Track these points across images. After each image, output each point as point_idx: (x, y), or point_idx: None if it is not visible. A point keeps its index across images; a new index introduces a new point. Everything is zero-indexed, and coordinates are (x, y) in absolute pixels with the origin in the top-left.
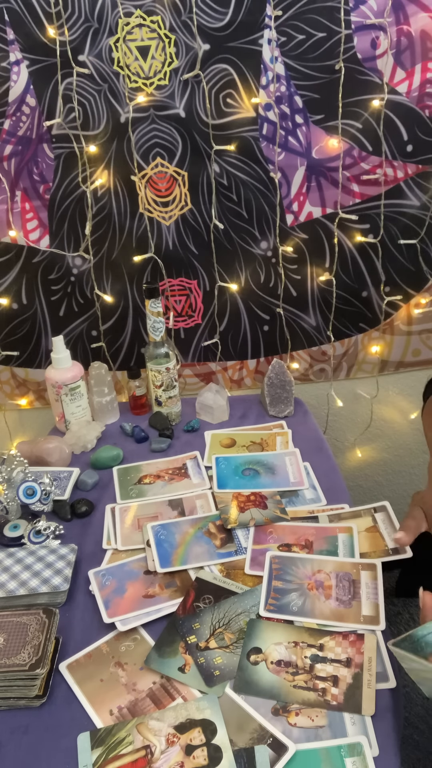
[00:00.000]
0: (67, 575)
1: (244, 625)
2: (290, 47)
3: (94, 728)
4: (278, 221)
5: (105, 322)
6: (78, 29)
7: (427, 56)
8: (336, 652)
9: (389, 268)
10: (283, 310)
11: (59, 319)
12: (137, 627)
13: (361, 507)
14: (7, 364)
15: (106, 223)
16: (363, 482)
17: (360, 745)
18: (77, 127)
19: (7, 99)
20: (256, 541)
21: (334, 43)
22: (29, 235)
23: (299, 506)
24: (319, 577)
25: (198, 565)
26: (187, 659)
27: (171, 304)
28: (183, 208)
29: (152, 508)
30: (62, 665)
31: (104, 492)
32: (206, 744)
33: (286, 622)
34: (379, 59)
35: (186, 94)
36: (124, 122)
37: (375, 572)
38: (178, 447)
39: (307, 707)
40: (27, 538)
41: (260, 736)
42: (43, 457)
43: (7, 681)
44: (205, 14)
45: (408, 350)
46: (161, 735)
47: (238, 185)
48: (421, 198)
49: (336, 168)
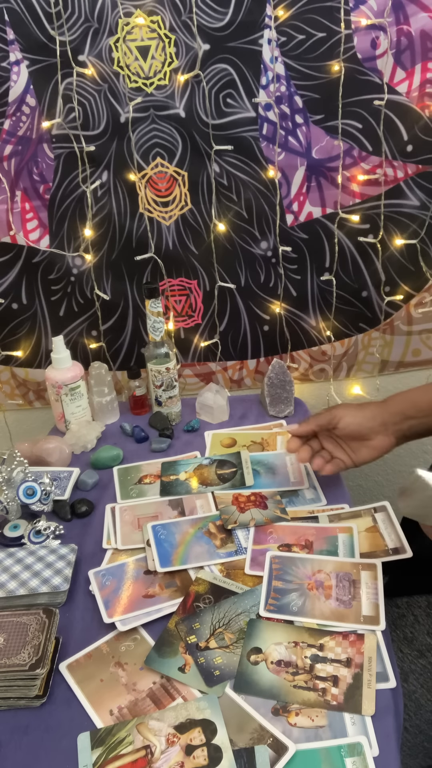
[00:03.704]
0: (67, 575)
1: (244, 625)
2: (290, 47)
3: (94, 728)
4: (278, 221)
5: (105, 322)
6: (78, 29)
7: (427, 56)
8: (336, 652)
9: (389, 268)
10: (283, 310)
11: (59, 319)
12: (137, 627)
13: (361, 507)
14: (7, 364)
15: (106, 223)
16: (363, 482)
17: (360, 745)
18: (77, 127)
19: (7, 99)
20: (256, 541)
21: (334, 43)
22: (29, 235)
23: (299, 506)
24: (319, 577)
25: (198, 565)
26: (187, 659)
27: (171, 304)
28: (183, 208)
29: (152, 507)
30: (62, 665)
31: (104, 492)
32: (206, 744)
33: (286, 622)
34: (379, 59)
35: (186, 94)
36: (124, 122)
37: (375, 572)
38: (178, 447)
39: (307, 707)
40: (27, 538)
41: (260, 736)
42: (43, 457)
43: (7, 681)
44: (205, 14)
45: (408, 350)
46: (161, 735)
47: (238, 185)
48: (421, 198)
49: (336, 168)
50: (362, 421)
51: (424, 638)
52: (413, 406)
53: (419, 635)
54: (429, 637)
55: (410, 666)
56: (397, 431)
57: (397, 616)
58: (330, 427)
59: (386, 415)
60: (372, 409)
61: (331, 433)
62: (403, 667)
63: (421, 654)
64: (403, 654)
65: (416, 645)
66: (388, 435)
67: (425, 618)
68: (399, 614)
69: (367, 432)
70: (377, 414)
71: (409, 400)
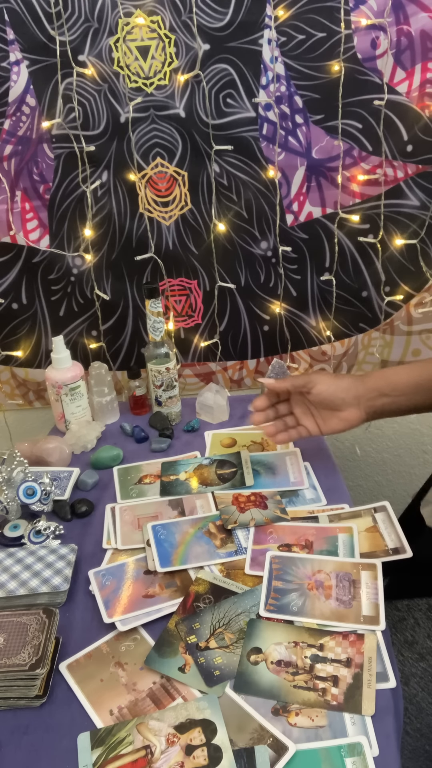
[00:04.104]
0: (67, 575)
1: (244, 625)
2: (290, 47)
3: (94, 728)
4: (278, 221)
5: (105, 322)
6: (78, 29)
7: (427, 56)
8: (336, 652)
9: (389, 268)
10: (283, 310)
11: (59, 319)
12: (137, 627)
13: (361, 507)
14: (7, 364)
15: (106, 223)
16: (363, 482)
17: (360, 745)
18: (77, 127)
19: (7, 99)
20: (256, 541)
21: (334, 43)
22: (29, 235)
23: (299, 506)
24: (319, 577)
25: (198, 565)
26: (187, 659)
27: (171, 304)
28: (183, 208)
29: (152, 507)
30: (62, 665)
31: (104, 492)
32: (206, 744)
33: (286, 622)
34: (379, 59)
35: (186, 94)
36: (124, 122)
37: (375, 572)
38: (178, 447)
39: (307, 707)
40: (27, 538)
41: (260, 736)
42: (43, 457)
43: (7, 681)
44: (205, 14)
45: (408, 350)
46: (161, 735)
47: (238, 185)
48: (421, 198)
49: (336, 168)
50: (336, 390)
51: (424, 641)
52: (389, 384)
53: (420, 638)
54: (429, 640)
55: (411, 669)
56: (369, 407)
57: (398, 619)
58: (304, 391)
59: (361, 389)
60: (348, 381)
61: (304, 398)
62: (404, 670)
63: (421, 657)
64: (403, 657)
65: (417, 648)
66: (360, 409)
67: (426, 621)
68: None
69: (340, 402)
70: (352, 386)
71: (386, 378)
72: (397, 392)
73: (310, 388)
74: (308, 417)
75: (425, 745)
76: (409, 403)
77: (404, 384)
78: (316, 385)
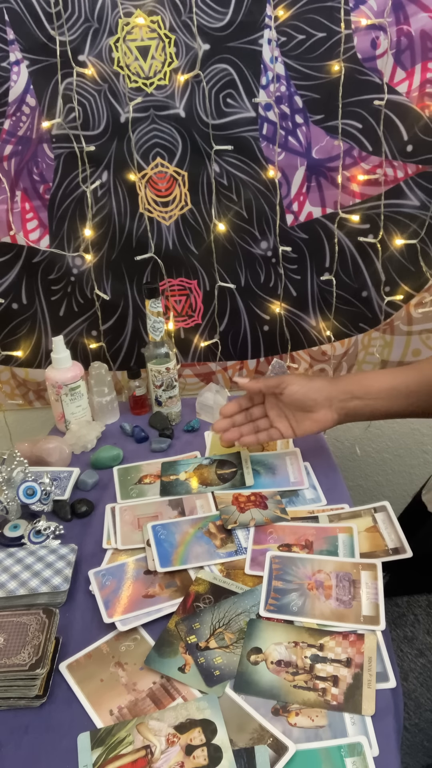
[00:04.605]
0: (67, 575)
1: (244, 625)
2: (290, 47)
3: (94, 728)
4: (278, 221)
5: (105, 322)
6: (78, 29)
7: (427, 56)
8: (336, 652)
9: (389, 268)
10: (283, 310)
11: (59, 319)
12: (137, 627)
13: (361, 507)
14: (7, 364)
15: (106, 223)
16: (363, 482)
17: (360, 745)
18: (77, 127)
19: (7, 99)
20: (256, 541)
21: (334, 43)
22: (29, 235)
23: (299, 506)
24: (319, 577)
25: (198, 565)
26: (187, 659)
27: (171, 304)
28: (183, 208)
29: (152, 507)
30: (62, 665)
31: (104, 492)
32: (206, 744)
33: (286, 622)
34: (379, 59)
35: (186, 94)
36: (124, 122)
37: (375, 572)
38: (178, 447)
39: (307, 707)
40: (27, 538)
41: (260, 736)
42: (43, 457)
43: (7, 681)
44: (205, 14)
45: (408, 350)
46: (161, 735)
47: (238, 185)
48: (421, 198)
49: (336, 168)
50: (308, 391)
51: (424, 637)
52: (362, 387)
53: (419, 634)
54: (429, 636)
55: (410, 665)
56: (341, 408)
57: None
58: (277, 392)
59: (334, 390)
60: (321, 383)
61: (277, 400)
62: (403, 666)
63: (420, 653)
64: (402, 653)
65: (416, 644)
66: (332, 410)
67: (425, 617)
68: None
69: (312, 403)
70: (324, 388)
71: (359, 382)
72: (371, 396)
73: (282, 389)
74: (282, 419)
75: (423, 740)
76: (385, 407)
77: (378, 388)
78: (288, 386)
